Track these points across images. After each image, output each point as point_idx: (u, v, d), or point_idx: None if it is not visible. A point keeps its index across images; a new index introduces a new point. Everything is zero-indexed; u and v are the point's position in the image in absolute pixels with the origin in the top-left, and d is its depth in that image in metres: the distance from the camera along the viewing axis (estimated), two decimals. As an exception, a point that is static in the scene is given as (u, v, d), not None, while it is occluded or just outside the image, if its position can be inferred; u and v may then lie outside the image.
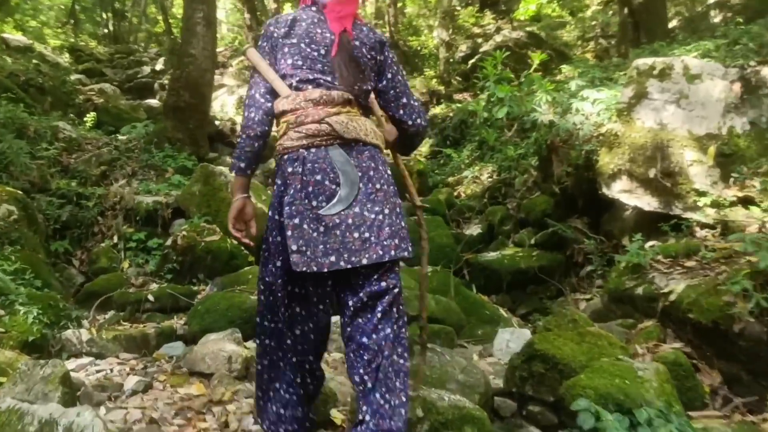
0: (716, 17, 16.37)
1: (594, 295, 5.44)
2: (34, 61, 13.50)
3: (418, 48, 19.68)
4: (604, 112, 5.67)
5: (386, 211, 2.12)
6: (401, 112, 2.36)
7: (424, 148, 11.19)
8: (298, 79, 2.19)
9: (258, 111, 2.25)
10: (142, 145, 8.32)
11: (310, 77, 2.18)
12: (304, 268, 2.04)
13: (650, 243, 4.85)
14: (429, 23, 20.90)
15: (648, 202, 5.07)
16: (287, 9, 25.28)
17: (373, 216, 2.09)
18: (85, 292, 5.55)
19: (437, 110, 11.86)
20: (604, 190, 5.31)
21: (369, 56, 2.24)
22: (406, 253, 2.15)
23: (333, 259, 2.04)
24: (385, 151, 2.37)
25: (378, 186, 2.14)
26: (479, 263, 5.90)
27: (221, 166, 11.03)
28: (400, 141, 2.52)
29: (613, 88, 6.03)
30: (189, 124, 8.41)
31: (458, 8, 19.70)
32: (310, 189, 2.09)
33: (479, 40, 21.00)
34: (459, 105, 11.64)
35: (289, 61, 2.21)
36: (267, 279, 2.29)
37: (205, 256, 5.95)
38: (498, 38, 19.44)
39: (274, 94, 2.23)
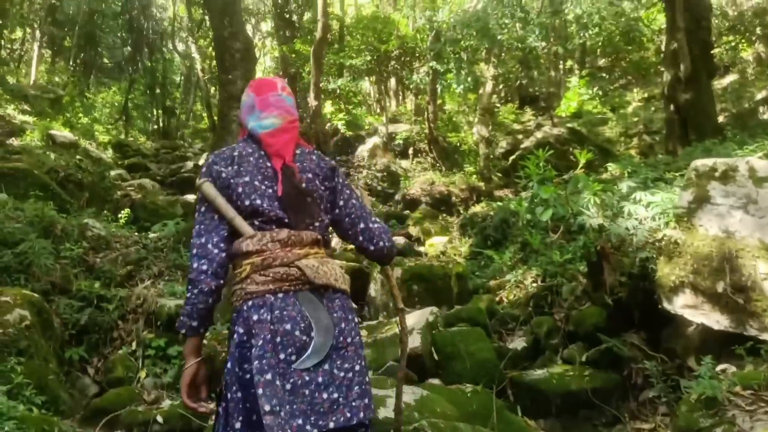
0: (765, 113, 15.95)
1: (658, 426, 4.77)
2: (78, 156, 13.78)
3: (458, 144, 19.60)
4: (660, 217, 5.19)
5: (356, 368, 1.98)
6: (360, 238, 2.25)
7: (464, 248, 10.74)
8: (261, 219, 2.05)
9: (211, 264, 2.02)
10: (172, 244, 8.08)
11: (273, 217, 2.05)
12: (274, 426, 1.78)
13: (722, 366, 4.25)
14: (468, 119, 20.96)
15: (717, 320, 4.48)
16: (328, 106, 25.85)
17: (342, 374, 1.94)
18: (93, 409, 5.11)
19: (477, 208, 11.48)
20: (665, 305, 4.76)
21: (323, 187, 2.15)
22: (371, 414, 1.98)
23: (300, 422, 1.83)
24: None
25: (349, 340, 1.99)
26: (525, 383, 5.30)
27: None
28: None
29: (668, 191, 5.57)
30: (220, 222, 8.18)
31: (498, 105, 19.71)
32: (278, 339, 1.89)
33: (519, 137, 20.93)
34: (500, 203, 11.25)
35: (247, 202, 2.05)
36: None
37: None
38: (539, 135, 19.33)
39: (228, 241, 2.05)
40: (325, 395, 1.88)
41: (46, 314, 5.76)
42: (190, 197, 15.24)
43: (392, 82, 26.50)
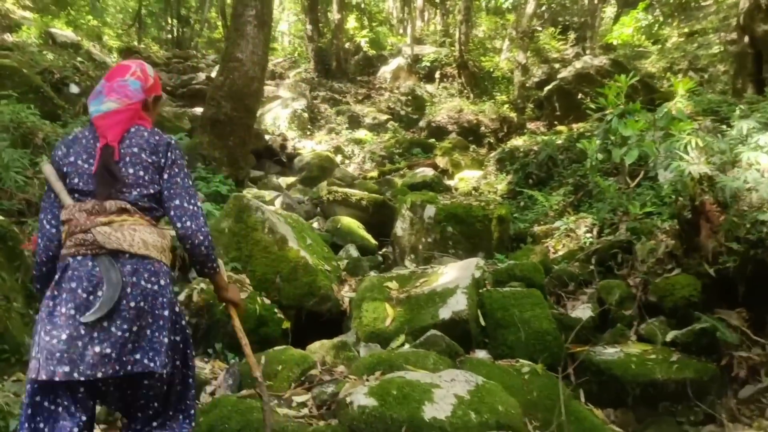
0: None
1: (764, 430, 3.78)
2: (79, 59, 12.53)
3: (491, 70, 18.09)
4: (789, 169, 4.02)
5: (134, 328, 2.09)
6: (171, 213, 2.28)
7: (501, 185, 9.58)
8: (77, 192, 2.22)
9: (44, 237, 2.28)
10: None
11: (85, 189, 2.21)
12: (33, 375, 2.03)
13: None
14: (503, 43, 19.30)
15: None
16: (351, 21, 24.15)
17: (119, 333, 2.06)
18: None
19: (519, 141, 10.18)
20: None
21: (150, 160, 2.26)
22: (152, 365, 2.10)
23: (66, 369, 2.00)
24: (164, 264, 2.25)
25: (133, 303, 2.10)
26: (593, 363, 4.29)
27: (263, 192, 9.68)
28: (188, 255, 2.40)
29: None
30: (229, 140, 7.06)
31: (539, 28, 18.04)
32: (64, 296, 2.07)
33: (556, 66, 19.36)
34: (545, 138, 10.00)
35: (68, 180, 2.24)
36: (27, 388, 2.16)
37: (226, 320, 4.51)
38: (578, 65, 17.74)
39: (59, 215, 2.24)
40: (97, 349, 2.01)
41: (12, 240, 4.74)
42: (199, 110, 14.07)
43: (419, 0, 24.59)
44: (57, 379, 1.98)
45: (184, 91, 18.93)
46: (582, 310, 4.85)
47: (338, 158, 14.12)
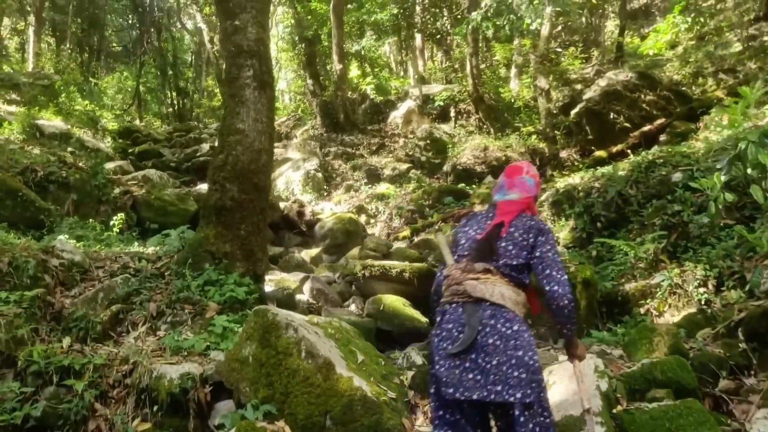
0: None
1: None
2: (69, 149, 11.45)
3: (511, 100, 16.84)
4: None
5: (494, 362, 2.53)
6: (543, 281, 2.71)
7: (563, 233, 8.12)
8: (458, 254, 2.94)
9: (436, 283, 3.01)
10: (176, 266, 5.69)
11: (466, 253, 2.87)
12: (431, 392, 2.74)
13: None
14: (521, 71, 18.08)
15: None
16: (353, 70, 23.19)
17: (483, 364, 2.55)
18: None
19: (576, 179, 8.73)
20: None
21: (522, 238, 2.78)
22: (511, 399, 2.47)
23: (451, 390, 2.57)
24: (518, 315, 2.69)
25: (491, 341, 2.58)
26: None
27: (287, 277, 8.25)
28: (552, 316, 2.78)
29: None
30: (240, 229, 5.75)
31: (558, 49, 16.81)
32: (443, 334, 2.70)
33: (578, 87, 18.10)
34: (605, 171, 8.59)
35: (459, 243, 2.97)
36: (433, 404, 2.79)
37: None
38: (602, 83, 16.46)
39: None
40: (470, 375, 2.56)
41: None
42: (206, 186, 12.87)
43: (417, 39, 23.61)
44: (446, 398, 2.61)
45: (189, 165, 17.93)
46: (764, 423, 3.39)
47: (362, 218, 12.82)
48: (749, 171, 3.91)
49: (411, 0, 20.07)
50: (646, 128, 14.88)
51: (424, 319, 7.38)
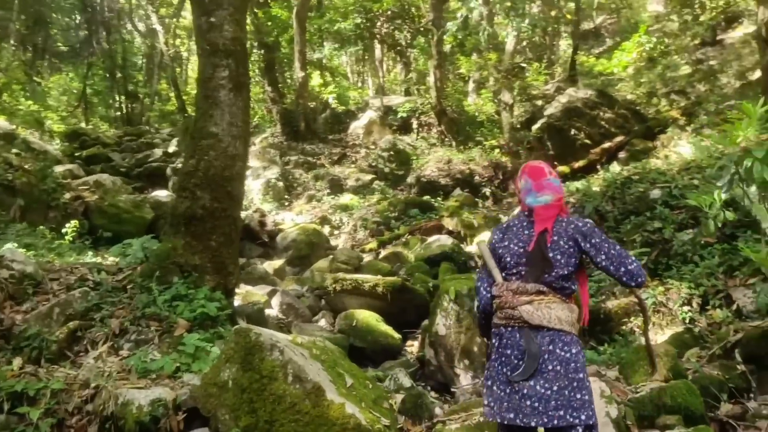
0: None
1: None
2: (14, 150, 10.75)
3: (474, 114, 16.78)
4: None
5: (554, 387, 2.53)
6: (625, 278, 2.64)
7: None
8: (506, 272, 2.79)
9: (482, 299, 2.88)
10: (140, 279, 5.25)
11: (514, 270, 2.75)
12: (490, 419, 2.68)
13: None
14: (486, 85, 18.07)
15: None
16: (314, 78, 22.84)
17: (543, 390, 2.53)
18: None
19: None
20: None
21: (567, 245, 2.70)
22: (577, 421, 2.49)
23: (511, 416, 2.56)
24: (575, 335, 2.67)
25: (551, 367, 2.56)
26: None
27: (254, 290, 7.84)
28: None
29: None
30: (211, 240, 5.34)
31: (523, 65, 16.84)
32: (502, 359, 2.67)
33: (539, 102, 18.20)
34: (579, 186, 8.46)
35: (502, 258, 2.81)
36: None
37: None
38: (562, 99, 16.62)
39: (491, 283, 2.83)
40: (528, 402, 2.54)
41: None
42: (163, 194, 12.31)
43: (377, 50, 23.47)
44: (505, 422, 2.61)
45: (140, 171, 17.27)
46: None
47: (326, 229, 12.46)
48: (753, 189, 3.78)
49: (374, 10, 19.83)
50: (606, 145, 15.10)
51: (397, 336, 7.09)
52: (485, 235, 9.96)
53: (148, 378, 4.20)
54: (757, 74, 15.70)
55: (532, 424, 2.50)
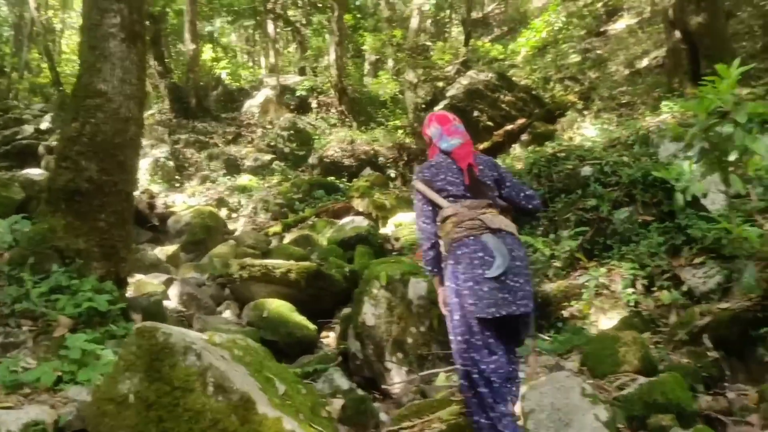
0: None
1: None
2: None
3: (377, 94, 16.26)
4: None
5: (521, 281, 2.90)
6: (523, 202, 3.20)
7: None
8: (451, 198, 3.05)
9: (425, 233, 3.13)
10: (6, 268, 4.27)
11: (458, 194, 3.05)
12: (478, 315, 2.85)
13: None
14: (387, 64, 17.59)
15: None
16: (207, 52, 21.46)
17: (512, 284, 2.86)
18: None
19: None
20: None
21: (491, 173, 3.15)
22: (530, 310, 2.90)
23: (491, 309, 2.82)
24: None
25: (517, 263, 2.91)
26: None
27: (149, 280, 6.89)
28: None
29: None
30: (99, 220, 4.44)
31: (427, 43, 16.47)
32: (475, 262, 2.89)
33: (440, 84, 17.97)
34: (533, 153, 8.11)
35: (443, 189, 3.06)
36: (456, 330, 2.99)
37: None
38: (464, 81, 16.51)
39: (433, 216, 3.11)
40: (501, 295, 2.83)
41: None
42: (35, 172, 10.89)
43: (270, 27, 22.41)
44: (489, 317, 2.82)
45: (8, 149, 15.53)
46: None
47: (222, 212, 11.51)
48: (732, 158, 3.47)
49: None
50: (509, 127, 15.14)
51: (313, 327, 6.44)
52: (400, 217, 9.50)
53: (20, 394, 3.31)
54: (645, 62, 16.34)
55: (504, 312, 2.81)
